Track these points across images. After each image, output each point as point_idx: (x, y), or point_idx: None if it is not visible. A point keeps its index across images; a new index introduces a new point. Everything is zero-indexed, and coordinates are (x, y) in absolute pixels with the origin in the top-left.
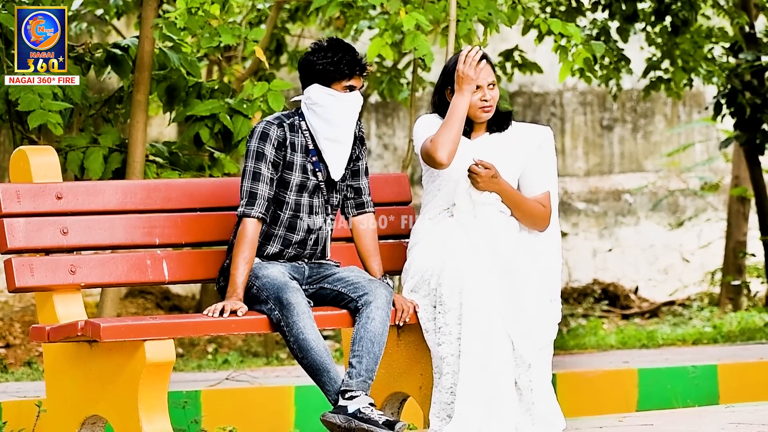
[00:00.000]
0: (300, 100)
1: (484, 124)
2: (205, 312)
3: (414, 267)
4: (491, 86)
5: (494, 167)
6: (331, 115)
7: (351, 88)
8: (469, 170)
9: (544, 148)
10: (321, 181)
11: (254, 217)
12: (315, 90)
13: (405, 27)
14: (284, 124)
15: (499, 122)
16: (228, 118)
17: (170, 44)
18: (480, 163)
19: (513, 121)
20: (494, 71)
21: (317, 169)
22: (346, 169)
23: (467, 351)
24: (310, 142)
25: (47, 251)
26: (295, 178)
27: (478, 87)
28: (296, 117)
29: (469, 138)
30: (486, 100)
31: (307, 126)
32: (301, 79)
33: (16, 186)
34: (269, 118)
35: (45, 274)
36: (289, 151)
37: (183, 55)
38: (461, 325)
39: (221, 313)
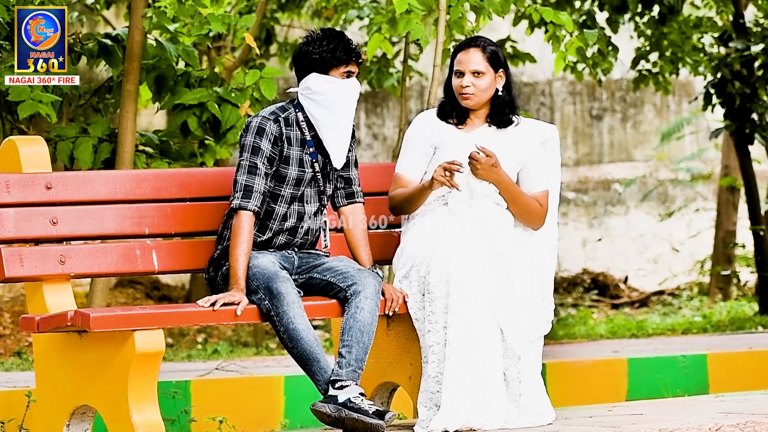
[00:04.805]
0: (295, 92)
1: (481, 114)
2: (200, 302)
3: (406, 254)
4: (477, 75)
5: (495, 156)
6: (333, 102)
7: (348, 74)
8: (470, 156)
9: (548, 147)
10: (318, 172)
11: (251, 211)
12: (314, 79)
13: (397, 12)
14: (280, 119)
15: (498, 115)
16: (216, 106)
17: (168, 36)
18: (482, 150)
19: (521, 118)
20: (495, 60)
21: (314, 160)
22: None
23: (452, 340)
24: (307, 133)
25: (37, 241)
26: (292, 172)
27: (461, 73)
28: (292, 110)
29: (460, 126)
30: (462, 86)
31: (303, 117)
32: (296, 71)
33: (6, 176)
34: (264, 112)
35: (34, 264)
36: (285, 146)
37: (179, 45)
38: (447, 314)
39: (213, 304)
